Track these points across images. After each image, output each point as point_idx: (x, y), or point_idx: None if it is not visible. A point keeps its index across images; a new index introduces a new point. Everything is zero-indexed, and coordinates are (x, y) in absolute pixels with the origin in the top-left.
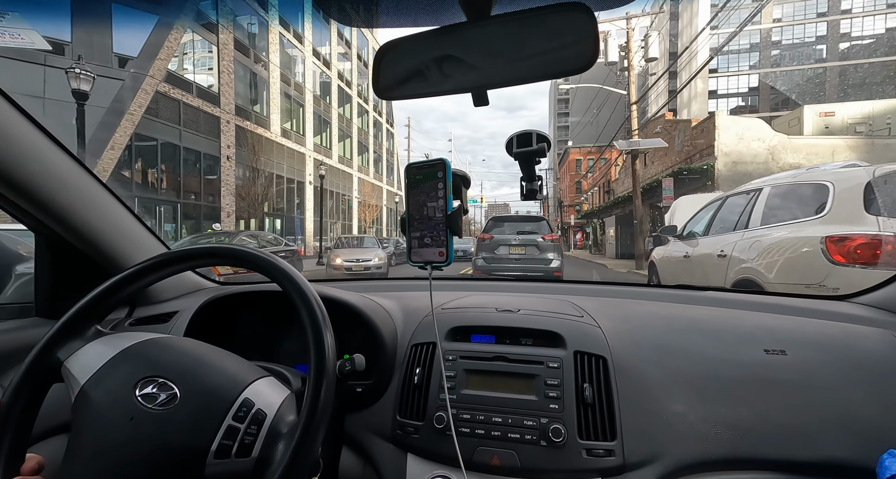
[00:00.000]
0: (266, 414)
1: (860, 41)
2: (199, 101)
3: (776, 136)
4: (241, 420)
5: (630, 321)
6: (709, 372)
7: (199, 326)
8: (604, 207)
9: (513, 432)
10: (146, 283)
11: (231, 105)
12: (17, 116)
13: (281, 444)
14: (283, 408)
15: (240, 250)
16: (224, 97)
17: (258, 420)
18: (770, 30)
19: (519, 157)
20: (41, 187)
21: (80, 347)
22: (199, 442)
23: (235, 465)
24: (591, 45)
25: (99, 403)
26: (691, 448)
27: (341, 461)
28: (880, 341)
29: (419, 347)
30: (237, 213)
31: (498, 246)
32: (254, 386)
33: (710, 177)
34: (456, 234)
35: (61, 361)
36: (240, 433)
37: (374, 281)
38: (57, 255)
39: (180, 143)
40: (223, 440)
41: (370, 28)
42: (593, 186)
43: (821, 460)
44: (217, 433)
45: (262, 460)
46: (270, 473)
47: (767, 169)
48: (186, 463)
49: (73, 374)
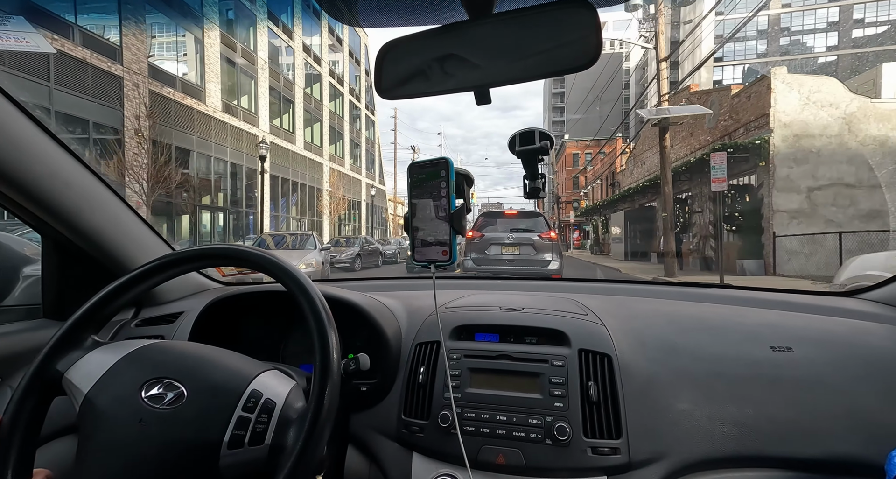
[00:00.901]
0: (275, 403)
1: (874, 28)
2: (85, 52)
3: (855, 99)
4: (251, 411)
5: (635, 319)
6: (715, 370)
7: (204, 326)
8: (608, 201)
9: (518, 430)
10: (150, 285)
11: (142, 64)
12: (22, 119)
13: (292, 430)
14: (291, 396)
15: (244, 250)
16: (130, 52)
17: (268, 409)
18: (779, 16)
19: (522, 155)
20: (47, 190)
21: (79, 357)
22: (211, 435)
23: (249, 453)
24: (594, 41)
25: (105, 409)
26: (697, 446)
27: (346, 460)
28: (888, 338)
29: (423, 346)
30: (151, 206)
31: (489, 245)
32: (260, 378)
33: (763, 155)
34: (459, 233)
35: (61, 373)
36: (251, 422)
37: (379, 280)
38: (63, 257)
39: (51, 105)
40: (235, 431)
41: (373, 27)
42: (595, 180)
43: (829, 457)
44: (228, 424)
45: (276, 446)
46: (286, 457)
47: (842, 144)
48: (200, 457)
49: (75, 384)
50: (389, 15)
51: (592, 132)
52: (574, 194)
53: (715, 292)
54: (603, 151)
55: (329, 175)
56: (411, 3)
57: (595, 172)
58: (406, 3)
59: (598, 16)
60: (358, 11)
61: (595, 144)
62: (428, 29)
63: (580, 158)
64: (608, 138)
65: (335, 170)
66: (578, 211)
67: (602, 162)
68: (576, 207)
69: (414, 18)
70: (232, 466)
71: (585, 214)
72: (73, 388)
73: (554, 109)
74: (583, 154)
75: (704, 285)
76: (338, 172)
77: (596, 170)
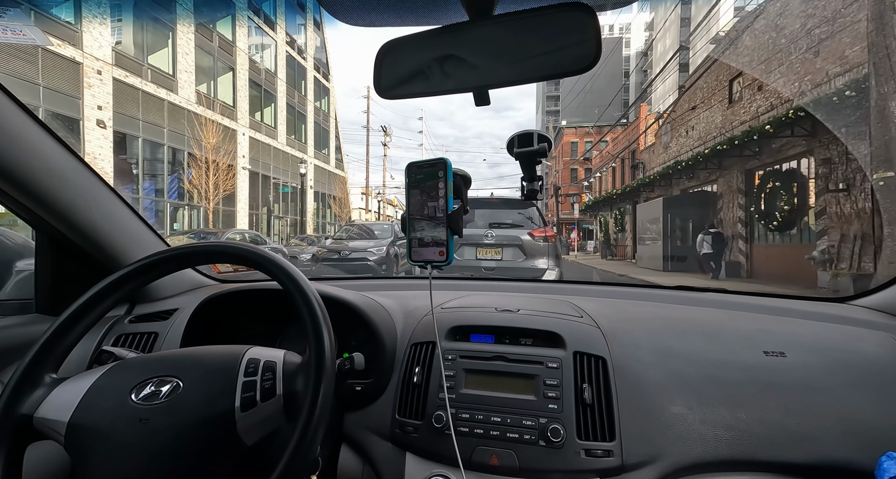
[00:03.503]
0: (275, 362)
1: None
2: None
3: None
4: (254, 374)
5: (630, 322)
6: (708, 374)
7: (198, 323)
8: (628, 189)
9: (512, 432)
10: (142, 282)
11: None
12: (20, 113)
13: (300, 377)
14: (287, 356)
15: (239, 247)
16: None
17: (270, 368)
18: None
19: (520, 157)
20: (43, 184)
21: (44, 396)
22: (220, 406)
23: (264, 409)
24: (594, 45)
25: (97, 424)
26: (690, 450)
27: (340, 459)
28: (880, 344)
29: (419, 346)
30: None
31: (460, 247)
32: (251, 350)
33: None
34: (457, 233)
35: (30, 415)
36: (257, 383)
37: (375, 280)
38: (57, 252)
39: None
40: (244, 394)
41: (373, 27)
42: (603, 167)
43: (819, 462)
44: (234, 392)
45: (288, 393)
46: (300, 398)
47: None
48: (216, 429)
49: (51, 418)
50: (390, 15)
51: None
52: (573, 188)
53: (710, 296)
54: (605, 139)
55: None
56: (412, 4)
57: (603, 157)
58: (406, 4)
59: (597, 19)
60: (358, 11)
61: (597, 132)
62: (428, 29)
63: (579, 146)
64: (612, 125)
65: (258, 141)
66: (582, 206)
67: (616, 141)
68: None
69: (414, 19)
70: (250, 427)
71: (590, 209)
72: (49, 422)
73: (548, 98)
74: (582, 142)
75: (700, 289)
76: (259, 143)
77: (605, 154)
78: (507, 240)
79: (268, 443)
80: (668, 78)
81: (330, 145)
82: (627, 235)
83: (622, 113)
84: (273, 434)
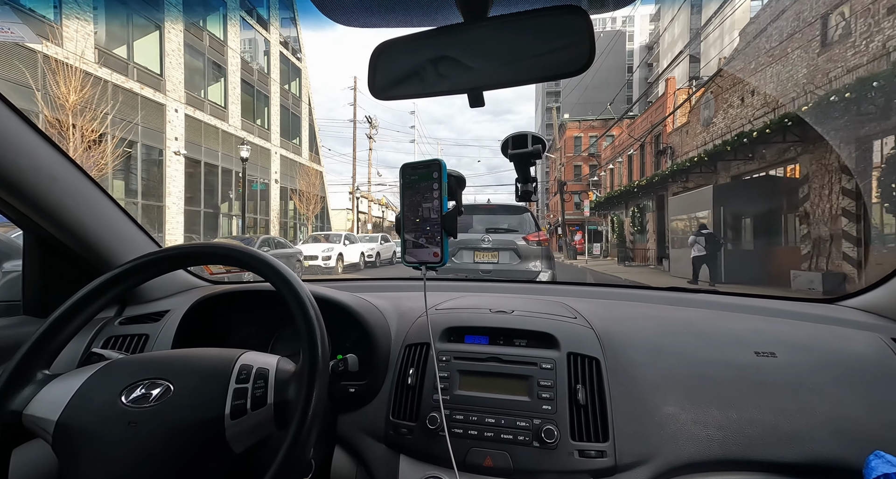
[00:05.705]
0: (268, 369)
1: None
2: None
3: None
4: (245, 381)
5: (623, 323)
6: (700, 374)
7: (190, 325)
8: (655, 179)
9: (506, 433)
10: (132, 284)
11: None
12: (8, 113)
13: (292, 386)
14: (280, 363)
15: (231, 248)
16: None
17: (262, 375)
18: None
19: (514, 158)
20: (32, 185)
21: (34, 393)
22: (210, 413)
23: (254, 418)
24: (587, 47)
25: (85, 425)
26: (682, 450)
27: (333, 461)
28: (868, 345)
29: (413, 347)
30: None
31: (458, 251)
32: (245, 356)
33: None
34: (451, 234)
35: (19, 412)
36: (248, 390)
37: (369, 281)
38: (46, 253)
39: None
40: (234, 402)
41: (368, 28)
42: (616, 157)
43: (809, 461)
44: (225, 399)
45: (279, 403)
46: (292, 408)
47: None
48: (204, 436)
49: (40, 416)
50: (384, 16)
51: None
52: (576, 185)
53: (702, 297)
54: (611, 134)
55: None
56: (406, 5)
57: (615, 147)
58: (401, 5)
59: (591, 22)
60: (353, 12)
61: (602, 125)
62: (423, 31)
63: (583, 141)
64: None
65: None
66: (592, 203)
67: (635, 125)
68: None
69: (409, 20)
70: (239, 435)
71: (600, 208)
72: (38, 421)
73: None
74: (586, 136)
75: (693, 290)
76: (201, 123)
77: (617, 144)
78: (504, 244)
79: (258, 450)
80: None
81: (302, 134)
82: (648, 237)
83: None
84: (263, 442)
